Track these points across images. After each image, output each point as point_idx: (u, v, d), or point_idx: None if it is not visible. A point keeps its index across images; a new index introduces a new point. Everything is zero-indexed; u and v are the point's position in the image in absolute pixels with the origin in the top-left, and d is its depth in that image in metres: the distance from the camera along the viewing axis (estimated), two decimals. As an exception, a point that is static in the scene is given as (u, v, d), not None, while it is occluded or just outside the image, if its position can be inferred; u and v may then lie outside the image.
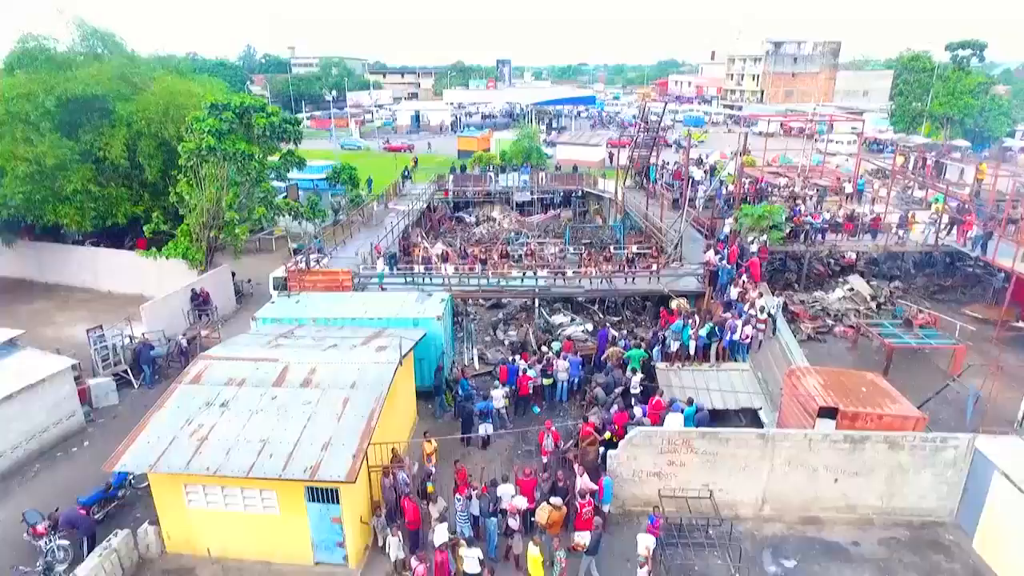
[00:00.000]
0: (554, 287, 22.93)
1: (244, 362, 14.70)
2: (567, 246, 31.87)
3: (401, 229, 30.45)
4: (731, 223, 26.69)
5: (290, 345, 15.96)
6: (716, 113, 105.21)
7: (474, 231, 36.61)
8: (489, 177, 42.05)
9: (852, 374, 15.83)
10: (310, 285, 22.12)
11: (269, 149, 26.92)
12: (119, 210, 29.90)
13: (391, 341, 16.29)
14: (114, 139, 28.62)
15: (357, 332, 17.44)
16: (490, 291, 22.97)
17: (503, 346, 22.72)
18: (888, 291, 26.04)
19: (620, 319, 24.04)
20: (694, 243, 27.71)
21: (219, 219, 24.68)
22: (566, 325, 22.34)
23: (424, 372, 18.98)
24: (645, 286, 23.01)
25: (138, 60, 33.28)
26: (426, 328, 18.42)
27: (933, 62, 69.52)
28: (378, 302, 20.00)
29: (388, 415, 14.24)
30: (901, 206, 32.66)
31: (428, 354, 18.79)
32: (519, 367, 18.72)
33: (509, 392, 18.21)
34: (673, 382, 17.68)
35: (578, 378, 19.00)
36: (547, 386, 18.87)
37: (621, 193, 35.90)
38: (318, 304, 19.91)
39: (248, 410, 13.11)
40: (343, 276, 22.22)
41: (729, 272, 21.52)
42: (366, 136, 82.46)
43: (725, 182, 35.76)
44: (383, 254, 23.54)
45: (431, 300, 20.06)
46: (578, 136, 62.06)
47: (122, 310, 24.84)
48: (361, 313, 18.99)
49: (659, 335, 18.57)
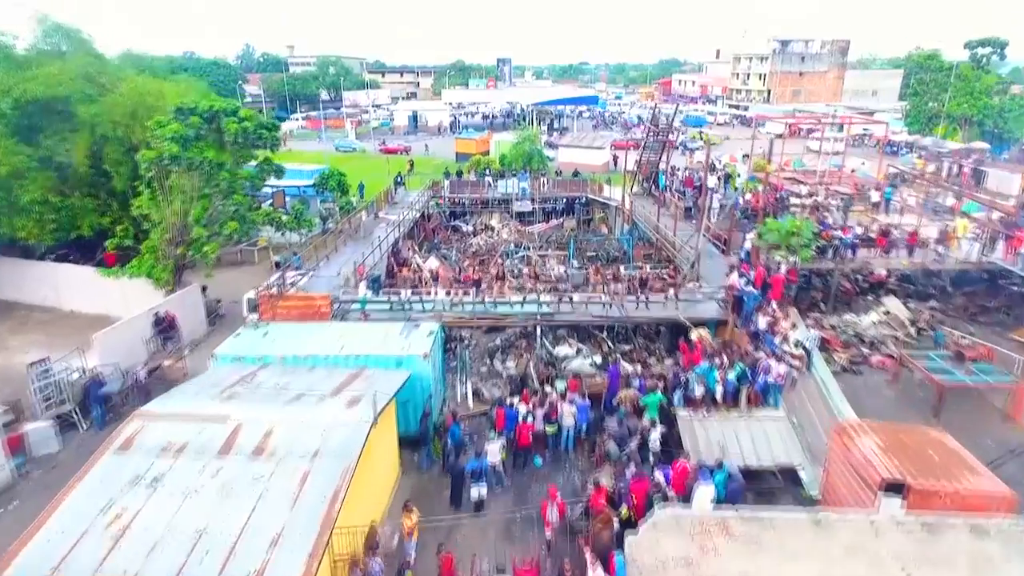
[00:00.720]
0: (558, 313, 20.44)
1: (187, 421, 12.23)
2: (571, 260, 29.39)
3: (391, 243, 27.95)
4: (752, 238, 24.22)
5: (247, 396, 13.49)
6: (721, 113, 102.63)
7: (471, 242, 34.11)
8: (487, 183, 39.55)
9: (914, 432, 13.33)
10: (283, 312, 19.64)
11: (243, 157, 24.42)
12: (84, 222, 27.47)
13: (367, 388, 13.82)
14: (76, 144, 26.22)
15: (331, 375, 14.97)
16: (486, 318, 20.49)
17: (501, 379, 20.25)
18: (928, 315, 23.51)
19: (632, 347, 21.56)
20: (710, 259, 25.23)
21: (186, 235, 22.22)
22: (571, 357, 19.86)
23: (409, 417, 16.51)
24: (660, 312, 20.52)
25: (106, 59, 30.85)
26: (411, 369, 15.95)
27: (946, 61, 66.98)
28: (357, 335, 17.52)
29: (363, 479, 11.79)
30: (930, 216, 30.16)
31: (414, 396, 16.33)
32: (518, 412, 16.26)
33: (506, 443, 15.76)
34: (698, 433, 15.20)
35: (586, 424, 16.53)
36: (551, 433, 16.41)
37: (629, 201, 33.42)
38: (288, 337, 17.44)
39: (184, 490, 10.63)
40: (321, 301, 19.75)
41: (755, 298, 19.04)
42: (362, 137, 79.98)
43: (741, 190, 33.23)
44: (366, 276, 21.06)
45: (418, 332, 17.58)
46: (580, 138, 59.52)
47: (84, 333, 22.36)
48: (337, 349, 16.51)
49: (680, 377, 16.07)
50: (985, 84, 61.94)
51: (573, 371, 19.27)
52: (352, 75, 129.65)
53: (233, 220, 22.54)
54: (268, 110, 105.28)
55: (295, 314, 19.67)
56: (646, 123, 34.76)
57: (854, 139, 61.69)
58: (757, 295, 18.96)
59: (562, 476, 15.97)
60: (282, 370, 15.38)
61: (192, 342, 23.84)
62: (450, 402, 19.17)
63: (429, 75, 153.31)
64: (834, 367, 20.43)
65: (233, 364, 15.99)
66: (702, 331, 19.15)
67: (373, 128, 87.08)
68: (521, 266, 29.45)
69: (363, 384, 14.23)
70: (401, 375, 15.33)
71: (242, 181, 23.22)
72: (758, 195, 30.89)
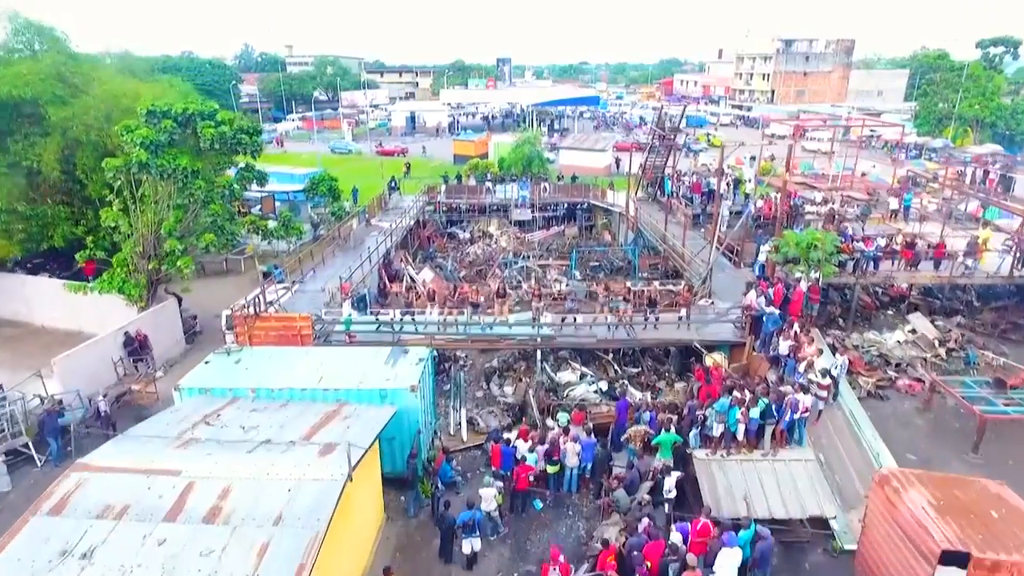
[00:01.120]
0: (560, 335, 18.81)
1: (133, 475, 10.59)
2: (573, 271, 27.76)
3: (382, 253, 26.30)
4: (767, 251, 22.59)
5: (207, 441, 11.85)
6: (724, 114, 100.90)
7: (468, 250, 32.49)
8: (486, 189, 37.89)
9: (969, 484, 11.68)
10: (260, 335, 18.02)
11: (221, 163, 22.76)
12: (56, 231, 25.84)
13: (345, 431, 12.22)
14: (46, 149, 24.59)
15: (306, 412, 13.35)
16: (482, 340, 18.84)
17: (497, 405, 18.62)
18: (959, 334, 21.85)
19: (640, 370, 19.94)
20: (721, 271, 23.61)
21: (159, 248, 20.59)
22: (574, 384, 18.22)
23: (395, 455, 14.90)
24: (671, 334, 18.89)
25: (81, 58, 29.18)
26: (397, 403, 14.33)
27: (956, 61, 65.31)
28: (339, 364, 15.88)
29: (337, 537, 10.20)
30: (953, 224, 28.50)
31: (400, 433, 14.71)
32: (516, 450, 14.64)
33: (503, 485, 14.15)
34: (717, 478, 13.57)
35: (591, 463, 14.90)
36: (552, 473, 14.78)
37: (634, 207, 31.79)
38: (263, 365, 15.82)
39: (120, 568, 9.00)
40: (301, 323, 18.12)
41: (776, 320, 17.39)
42: (359, 139, 78.27)
43: (753, 197, 31.57)
44: (350, 295, 19.41)
45: (406, 359, 15.95)
46: (582, 140, 57.81)
47: (53, 351, 20.69)
48: (315, 381, 14.89)
49: (697, 414, 14.43)
50: (996, 85, 60.29)
51: (577, 399, 17.66)
52: (350, 75, 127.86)
53: (210, 232, 20.88)
54: (264, 110, 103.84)
55: (273, 337, 18.06)
56: (651, 125, 33.04)
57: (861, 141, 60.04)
58: (778, 318, 17.31)
59: (565, 523, 14.34)
60: (252, 406, 13.74)
61: (167, 362, 22.23)
62: (442, 433, 17.56)
63: (428, 75, 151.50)
64: (858, 392, 18.82)
65: (199, 397, 14.37)
66: (717, 356, 17.52)
67: (370, 129, 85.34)
68: (520, 277, 27.89)
69: (341, 425, 12.61)
70: (385, 412, 13.71)
71: (220, 189, 21.53)
72: (771, 202, 29.26)
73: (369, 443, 12.07)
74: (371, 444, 12.16)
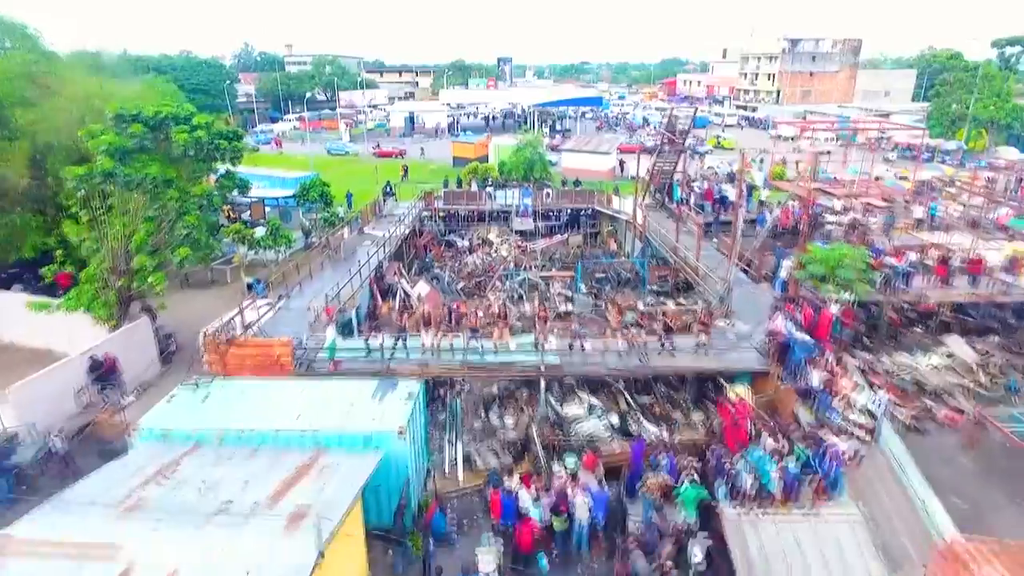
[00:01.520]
0: (568, 363, 17.05)
1: (59, 556, 8.86)
2: (578, 285, 26.00)
3: (374, 267, 24.55)
4: (790, 267, 20.86)
5: (157, 505, 10.11)
6: (729, 114, 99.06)
7: (466, 260, 30.73)
8: (486, 195, 36.12)
9: (1052, 559, 9.92)
10: (235, 363, 16.28)
11: (197, 171, 21.03)
12: (26, 242, 24.19)
13: (320, 490, 10.49)
14: (14, 154, 22.93)
15: (277, 463, 11.63)
16: (479, 370, 17.06)
17: (497, 440, 16.87)
18: (1001, 359, 20.08)
19: (653, 399, 18.20)
20: (738, 287, 21.83)
21: (129, 264, 18.87)
22: (582, 418, 16.46)
23: (381, 505, 13.18)
24: (689, 362, 17.13)
25: (57, 57, 27.52)
26: (384, 448, 12.61)
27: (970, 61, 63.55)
28: (320, 398, 14.16)
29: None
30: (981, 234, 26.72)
31: (387, 481, 13.00)
32: (517, 500, 12.92)
33: (504, 541, 12.44)
34: (749, 540, 11.81)
35: (603, 516, 13.16)
36: (559, 529, 13.05)
37: (642, 215, 30.00)
38: (234, 401, 14.11)
39: None
40: (280, 350, 16.37)
41: (808, 348, 15.64)
42: (356, 139, 76.50)
43: (768, 204, 29.78)
44: (334, 318, 17.66)
45: (395, 394, 14.23)
46: (585, 142, 56.01)
47: (19, 371, 19.02)
48: (291, 421, 13.17)
49: (724, 465, 12.68)
50: (1011, 85, 58.53)
51: (585, 436, 15.91)
52: (349, 74, 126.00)
53: (185, 246, 19.16)
54: (262, 110, 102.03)
55: (249, 365, 16.32)
56: (659, 128, 31.28)
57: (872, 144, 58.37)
58: (811, 345, 15.55)
59: (575, 586, 12.64)
60: (216, 455, 12.02)
61: (141, 385, 20.49)
62: (436, 472, 15.83)
63: (428, 74, 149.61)
64: (895, 425, 17.07)
65: (156, 444, 12.63)
66: (740, 389, 15.77)
67: (368, 130, 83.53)
68: (521, 291, 26.15)
69: (316, 483, 10.88)
70: (369, 461, 11.99)
71: (196, 199, 19.79)
72: (788, 210, 27.48)
73: (349, 504, 10.34)
74: (352, 505, 10.43)
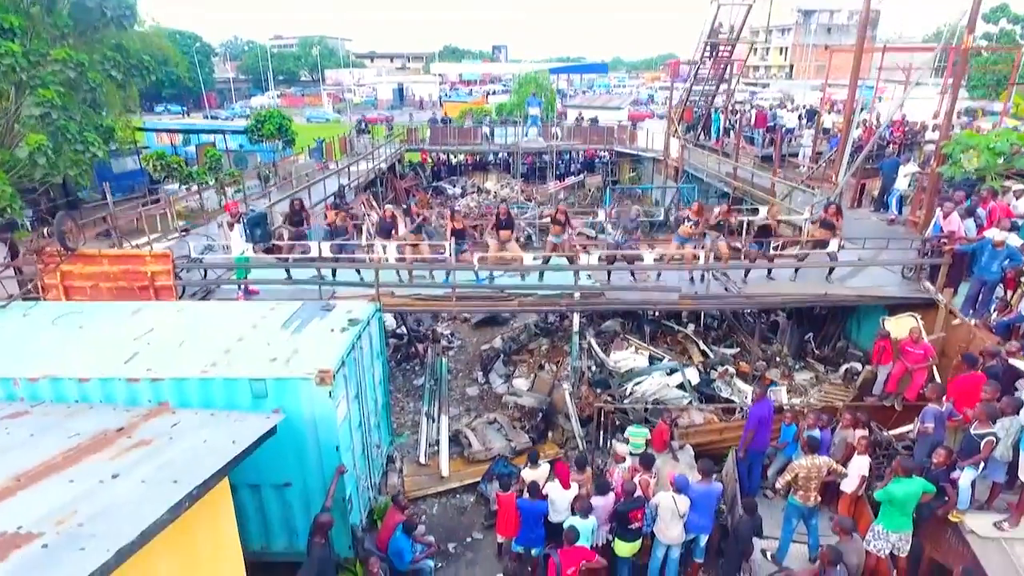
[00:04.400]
0: (609, 289, 10.91)
1: None
2: (604, 219, 19.75)
3: (335, 189, 18.41)
4: (911, 169, 15.01)
5: None
6: (738, 91, 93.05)
7: (458, 205, 24.62)
8: (483, 135, 29.94)
9: None
10: (83, 283, 10.10)
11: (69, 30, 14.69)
12: None
13: (110, 488, 4.33)
14: None
15: (52, 431, 5.46)
16: (473, 300, 10.88)
17: (504, 412, 10.75)
18: None
19: (737, 350, 12.12)
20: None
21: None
22: (642, 372, 10.24)
23: (291, 518, 7.05)
24: (798, 288, 11.01)
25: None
26: (289, 408, 6.46)
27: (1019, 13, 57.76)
28: (192, 330, 7.92)
29: None
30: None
31: (303, 472, 6.88)
32: (550, 508, 6.80)
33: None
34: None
35: (709, 531, 7.02)
36: (625, 557, 6.90)
37: (678, 147, 23.89)
38: (43, 337, 7.88)
39: None
40: (155, 264, 10.15)
41: (1016, 254, 9.43)
42: (342, 112, 70.21)
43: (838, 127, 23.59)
44: (239, 217, 11.19)
45: (322, 324, 7.98)
46: (594, 98, 50.11)
47: None
48: (122, 364, 6.94)
49: (931, 468, 6.49)
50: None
51: (647, 400, 9.74)
52: (337, 56, 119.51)
53: (40, 132, 12.87)
54: (243, 89, 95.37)
55: (107, 290, 10.14)
56: (701, 39, 24.82)
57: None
58: (1015, 251, 9.39)
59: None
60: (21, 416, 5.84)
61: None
62: (402, 461, 9.70)
63: (420, 60, 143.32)
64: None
65: None
66: (906, 321, 9.64)
67: (355, 104, 77.18)
68: (531, 231, 20.09)
69: (111, 465, 4.71)
70: (253, 426, 5.82)
71: (60, 68, 13.42)
72: (871, 129, 21.52)
73: (160, 513, 4.18)
74: (167, 515, 4.26)
